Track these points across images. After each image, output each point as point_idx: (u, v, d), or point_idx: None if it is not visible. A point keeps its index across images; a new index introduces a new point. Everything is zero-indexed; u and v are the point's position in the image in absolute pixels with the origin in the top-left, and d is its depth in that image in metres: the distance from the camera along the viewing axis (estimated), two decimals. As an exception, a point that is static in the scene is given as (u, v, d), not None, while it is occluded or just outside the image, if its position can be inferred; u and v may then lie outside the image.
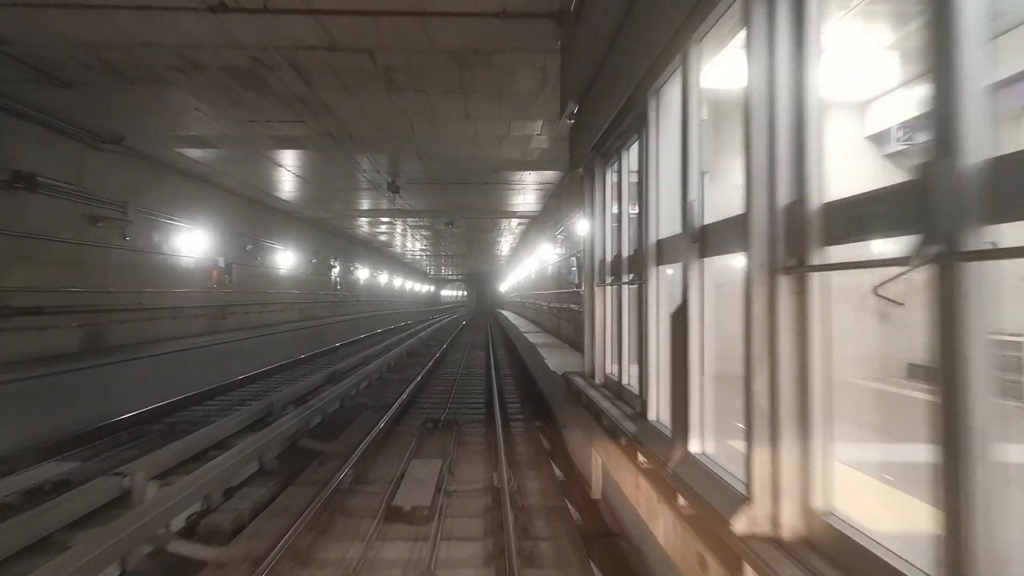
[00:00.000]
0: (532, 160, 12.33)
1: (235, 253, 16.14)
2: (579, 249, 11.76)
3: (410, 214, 20.32)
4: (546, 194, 16.69)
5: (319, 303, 23.96)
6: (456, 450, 7.41)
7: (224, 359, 13.37)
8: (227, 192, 15.56)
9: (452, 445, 7.63)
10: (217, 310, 15.04)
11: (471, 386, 12.81)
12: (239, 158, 12.52)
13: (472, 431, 8.52)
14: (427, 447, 7.54)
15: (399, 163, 13.08)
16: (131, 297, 11.32)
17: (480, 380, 13.68)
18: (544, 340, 13.41)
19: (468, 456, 7.19)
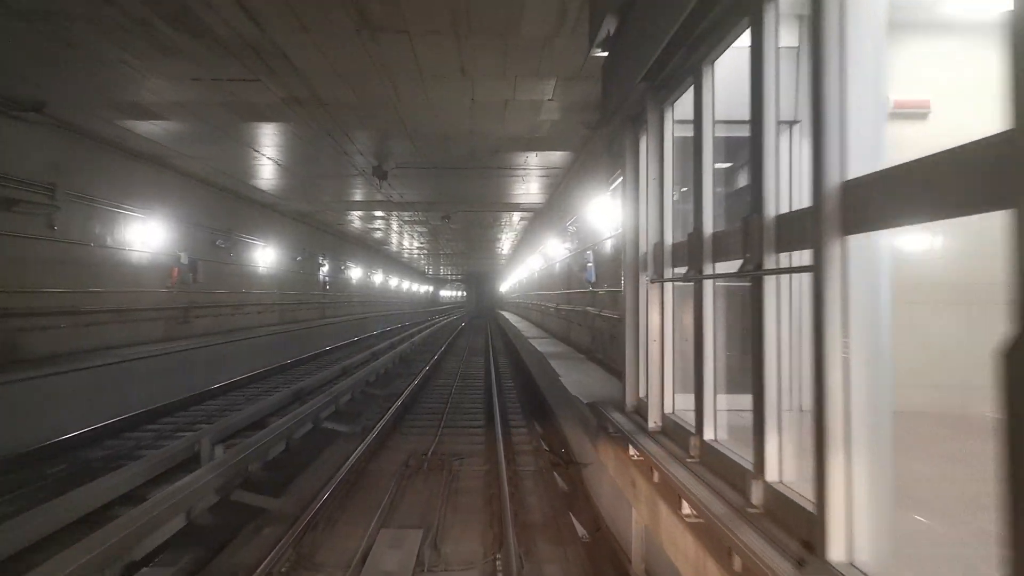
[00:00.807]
0: (539, 137, 10.48)
1: (202, 248, 14.30)
2: (594, 242, 9.94)
3: (402, 207, 18.47)
4: (552, 183, 14.84)
5: (305, 304, 22.13)
6: (445, 507, 5.56)
7: (182, 370, 11.51)
8: (191, 178, 13.71)
9: (441, 497, 5.77)
10: (179, 313, 13.20)
11: (468, 403, 10.97)
12: (199, 135, 10.68)
13: (468, 472, 6.66)
14: (407, 501, 5.69)
15: (385, 143, 11.23)
16: (63, 298, 9.47)
17: (479, 395, 11.84)
18: (553, 348, 11.57)
19: (461, 516, 5.32)
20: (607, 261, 9.16)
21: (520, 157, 12.16)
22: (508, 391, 12.32)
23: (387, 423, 8.71)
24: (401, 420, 9.35)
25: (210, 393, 11.51)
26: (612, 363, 8.55)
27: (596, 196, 9.23)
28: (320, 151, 11.74)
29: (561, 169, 13.19)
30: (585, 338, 11.09)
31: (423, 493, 5.88)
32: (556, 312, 14.86)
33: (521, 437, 8.32)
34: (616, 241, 8.70)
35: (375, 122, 9.67)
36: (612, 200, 8.72)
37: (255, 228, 17.55)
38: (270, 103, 8.64)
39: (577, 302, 11.82)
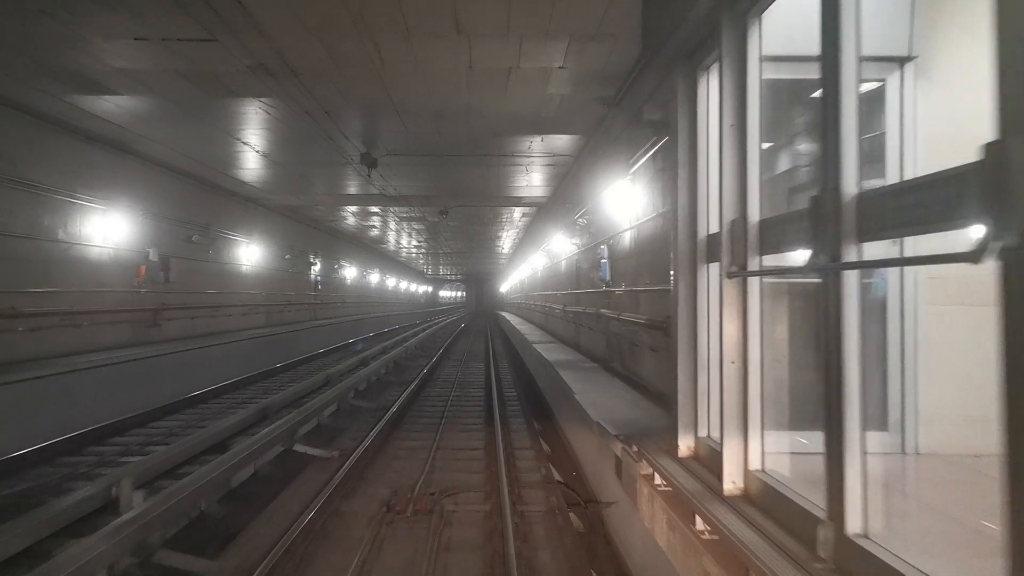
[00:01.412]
0: (546, 117, 9.25)
1: (175, 244, 13.06)
2: (609, 235, 8.69)
3: (396, 201, 17.22)
4: (558, 173, 13.60)
5: (294, 305, 20.88)
6: (433, 571, 4.29)
7: (147, 380, 10.27)
8: (161, 167, 12.46)
9: (427, 556, 4.49)
10: (148, 315, 11.96)
11: (466, 418, 9.72)
12: (162, 115, 9.45)
13: (465, 516, 5.38)
14: (384, 562, 4.41)
15: (372, 123, 9.99)
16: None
17: (478, 407, 10.60)
18: (562, 355, 10.32)
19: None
20: (626, 256, 7.92)
21: (524, 142, 10.92)
22: (510, 404, 11.08)
23: (371, 444, 7.47)
24: (388, 440, 8.11)
25: (176, 406, 10.25)
26: (634, 376, 7.30)
27: (612, 183, 8.00)
28: (302, 136, 10.52)
29: (569, 157, 11.95)
30: (598, 344, 9.84)
31: (406, 548, 4.62)
32: (563, 314, 13.62)
33: (527, 463, 7.08)
34: (636, 233, 7.46)
35: (357, 96, 8.42)
36: (632, 186, 7.48)
37: (238, 223, 16.31)
38: (234, 72, 7.40)
39: (588, 303, 10.57)
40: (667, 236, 5.96)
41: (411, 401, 10.82)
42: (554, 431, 8.95)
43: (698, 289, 3.20)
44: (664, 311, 5.91)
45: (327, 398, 9.13)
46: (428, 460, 6.97)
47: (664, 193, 6.10)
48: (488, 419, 9.32)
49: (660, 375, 6.13)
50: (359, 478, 6.21)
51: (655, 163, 6.51)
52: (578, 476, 6.98)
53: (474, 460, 7.12)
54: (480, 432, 8.58)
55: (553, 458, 7.58)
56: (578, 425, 6.98)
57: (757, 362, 2.61)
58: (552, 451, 7.91)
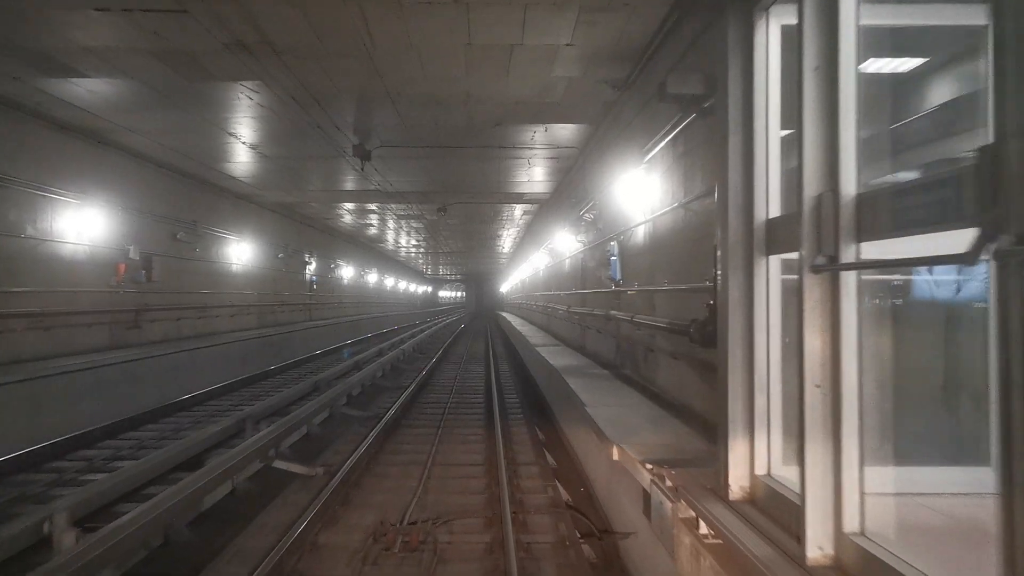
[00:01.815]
0: (551, 103, 8.58)
1: (159, 242, 12.40)
2: (621, 230, 8.02)
3: (393, 197, 16.55)
4: (562, 167, 12.94)
5: (288, 305, 20.21)
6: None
7: (124, 385, 9.61)
8: (143, 160, 11.80)
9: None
10: (128, 316, 11.29)
11: (464, 428, 9.06)
12: (140, 102, 8.80)
13: (462, 549, 4.70)
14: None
15: (364, 112, 9.32)
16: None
17: (478, 416, 9.93)
18: (567, 360, 9.64)
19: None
20: (640, 253, 7.25)
21: (526, 132, 10.25)
22: (512, 412, 10.41)
23: (359, 459, 6.79)
24: (379, 454, 7.43)
25: (154, 414, 9.58)
26: (649, 384, 6.63)
27: (625, 172, 7.32)
28: (290, 126, 9.86)
29: (574, 149, 11.28)
30: (606, 348, 9.17)
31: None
32: (567, 316, 12.94)
33: (532, 481, 6.40)
34: (652, 227, 6.78)
35: (346, 80, 7.74)
36: (647, 175, 6.80)
37: (228, 221, 15.65)
38: (209, 51, 6.73)
39: (595, 304, 9.90)
40: (693, 228, 5.29)
41: (406, 409, 10.14)
42: (559, 441, 8.30)
43: (754, 289, 2.53)
44: (688, 313, 5.24)
45: (314, 407, 8.45)
46: (422, 478, 6.29)
47: (689, 179, 5.43)
48: (489, 429, 8.65)
49: (682, 385, 5.46)
50: (343, 502, 5.52)
51: (675, 147, 5.83)
52: (587, 493, 6.31)
53: (473, 478, 6.45)
54: (480, 444, 7.91)
55: (560, 474, 6.92)
56: (587, 438, 6.32)
57: (854, 388, 1.94)
58: (558, 465, 7.26)
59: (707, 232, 4.87)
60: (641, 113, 7.13)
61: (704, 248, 4.96)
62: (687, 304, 5.43)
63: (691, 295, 5.28)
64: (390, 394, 11.71)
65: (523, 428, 8.85)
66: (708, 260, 4.88)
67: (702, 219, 5.05)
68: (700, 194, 5.04)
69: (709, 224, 4.88)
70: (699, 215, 5.13)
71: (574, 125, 9.85)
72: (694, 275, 5.20)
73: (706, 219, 4.93)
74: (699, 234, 5.10)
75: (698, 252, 5.12)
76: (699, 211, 5.14)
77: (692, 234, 5.29)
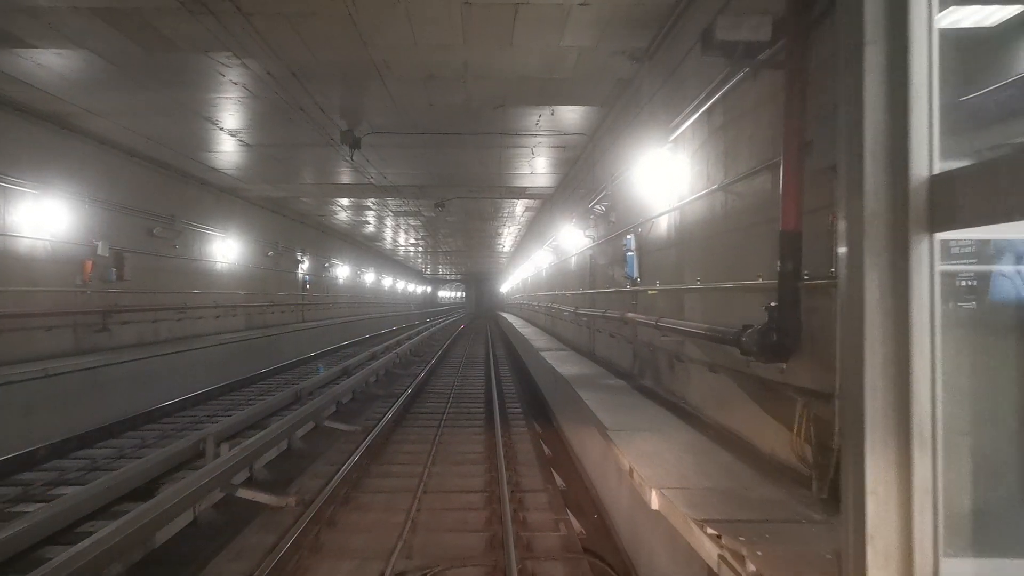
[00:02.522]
0: (559, 79, 7.65)
1: (132, 237, 11.47)
2: (639, 221, 7.08)
3: (387, 192, 15.61)
4: (569, 157, 12.02)
5: (279, 306, 19.28)
6: None
7: (85, 395, 8.69)
8: (113, 148, 10.86)
9: None
10: (95, 318, 10.35)
11: (462, 445, 8.12)
12: (103, 81, 7.91)
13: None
14: None
15: (351, 91, 8.38)
16: None
17: (477, 430, 9.01)
18: (577, 368, 8.70)
19: None
20: (664, 247, 6.30)
21: (530, 115, 9.31)
22: (515, 423, 9.47)
23: (340, 484, 5.86)
24: (363, 478, 6.48)
25: (113, 429, 8.63)
26: (677, 399, 5.70)
27: (644, 156, 6.38)
28: (271, 109, 8.95)
29: (582, 136, 10.35)
30: (620, 355, 8.23)
31: None
32: (573, 317, 11.99)
33: (541, 514, 5.44)
34: (679, 217, 5.84)
35: (328, 49, 6.79)
36: (673, 156, 5.85)
37: (211, 216, 14.71)
38: (162, 8, 5.78)
39: (607, 305, 8.96)
40: (739, 213, 4.34)
41: (397, 421, 9.20)
42: (567, 456, 7.38)
43: (910, 285, 1.60)
44: (730, 317, 4.30)
45: (292, 421, 7.50)
46: (410, 512, 5.34)
47: (731, 156, 4.49)
48: (489, 446, 7.71)
49: (725, 405, 4.52)
50: (314, 547, 4.55)
51: (711, 120, 4.89)
52: (601, 522, 5.38)
53: (471, 509, 5.50)
54: (479, 466, 6.96)
55: (569, 498, 6.00)
56: (604, 461, 5.38)
57: None
58: (567, 486, 6.33)
59: (763, 216, 3.93)
60: (666, 85, 6.18)
61: (758, 236, 4.01)
62: (730, 306, 4.48)
63: (737, 295, 4.34)
64: (381, 403, 10.76)
65: (528, 444, 7.91)
66: (764, 251, 3.94)
67: (753, 201, 4.11)
68: (749, 171, 4.10)
69: (764, 207, 3.94)
70: (748, 197, 4.19)
71: (583, 108, 8.92)
72: (740, 271, 4.26)
73: (760, 201, 3.99)
74: (749, 220, 4.16)
75: (748, 242, 4.18)
76: (747, 192, 4.20)
77: (738, 221, 4.35)
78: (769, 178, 3.85)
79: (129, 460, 6.83)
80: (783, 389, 3.57)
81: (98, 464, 6.83)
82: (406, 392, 11.34)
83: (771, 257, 3.79)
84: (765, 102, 3.96)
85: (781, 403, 3.61)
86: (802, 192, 3.27)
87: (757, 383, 3.90)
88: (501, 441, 7.59)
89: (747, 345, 3.62)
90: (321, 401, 8.63)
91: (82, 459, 7.11)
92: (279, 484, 6.28)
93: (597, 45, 6.60)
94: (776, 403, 3.68)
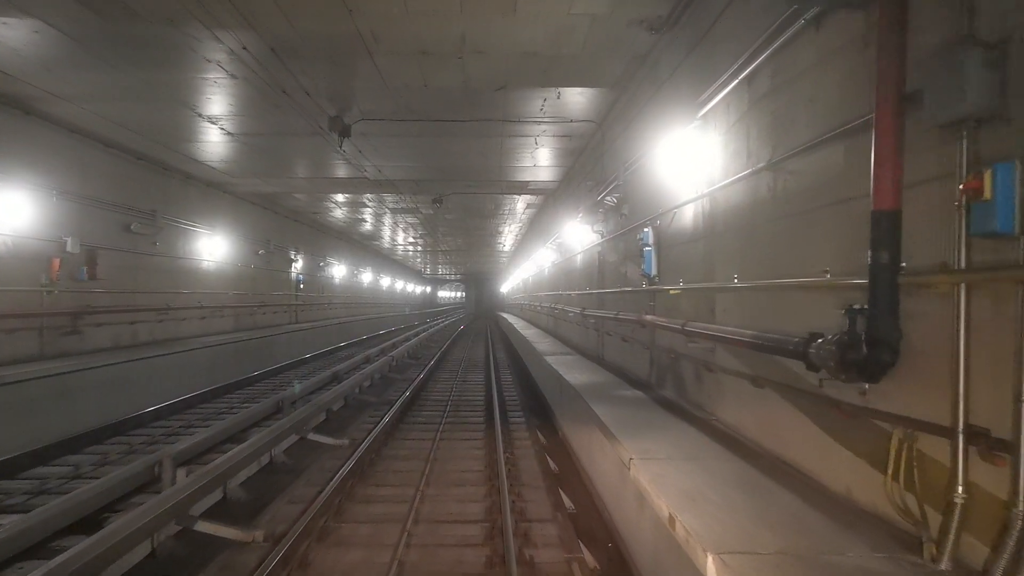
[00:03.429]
0: (567, 55, 6.89)
1: (107, 233, 10.72)
2: (659, 212, 6.32)
3: (382, 186, 14.86)
4: (575, 147, 11.27)
5: (270, 307, 18.50)
6: None
7: (47, 404, 7.93)
8: (84, 137, 10.11)
9: None
10: (65, 320, 9.58)
11: (460, 462, 7.36)
12: (67, 60, 7.23)
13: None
14: None
15: (338, 71, 7.63)
16: None
17: (477, 442, 8.26)
18: (587, 375, 7.93)
19: None
20: (690, 240, 5.54)
21: (534, 99, 8.55)
22: (517, 436, 8.71)
23: (317, 515, 5.10)
24: (347, 503, 5.71)
25: (82, 440, 7.87)
26: (706, 415, 4.93)
27: (665, 138, 5.63)
28: (254, 93, 8.25)
29: (591, 123, 9.58)
30: (636, 361, 7.46)
31: None
32: (580, 319, 11.23)
33: (551, 551, 4.67)
34: (709, 205, 5.09)
35: (310, 18, 6.05)
36: (702, 135, 5.10)
37: (197, 211, 13.95)
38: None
39: (619, 306, 8.20)
40: (795, 196, 3.56)
41: (389, 434, 8.43)
42: (574, 468, 6.61)
43: None
44: (783, 322, 3.54)
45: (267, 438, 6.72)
46: (398, 547, 4.57)
47: (783, 127, 3.73)
48: (490, 464, 6.95)
49: (779, 430, 3.75)
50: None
51: (753, 87, 4.13)
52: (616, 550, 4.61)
53: (469, 545, 4.73)
54: (479, 487, 6.19)
55: (580, 523, 5.24)
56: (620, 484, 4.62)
57: None
58: (576, 506, 5.58)
59: (831, 196, 3.16)
60: (692, 56, 5.43)
61: (824, 222, 3.24)
62: (782, 308, 3.72)
63: (792, 295, 3.57)
64: (373, 412, 10.00)
65: (532, 460, 7.13)
66: (832, 239, 3.17)
67: (815, 179, 3.34)
68: (810, 142, 3.33)
69: (832, 184, 3.16)
70: (808, 175, 3.42)
71: (593, 90, 8.16)
72: (796, 265, 3.50)
73: (826, 178, 3.22)
74: (810, 202, 3.39)
75: (808, 230, 3.41)
76: (807, 169, 3.43)
77: (793, 204, 3.59)
78: (840, 149, 3.09)
79: (86, 480, 6.07)
80: (866, 415, 2.81)
81: (47, 487, 6.06)
82: (401, 398, 10.57)
83: (843, 246, 3.03)
84: (832, 56, 3.20)
85: (862, 432, 2.85)
86: (901, 159, 2.50)
87: (823, 404, 3.14)
88: (503, 457, 6.83)
89: (818, 358, 2.85)
90: (306, 411, 7.86)
91: (32, 479, 6.34)
92: (249, 510, 5.51)
93: (612, 12, 5.84)
94: (855, 432, 2.92)
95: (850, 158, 3.02)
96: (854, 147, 2.97)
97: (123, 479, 5.27)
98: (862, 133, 2.81)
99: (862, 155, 2.85)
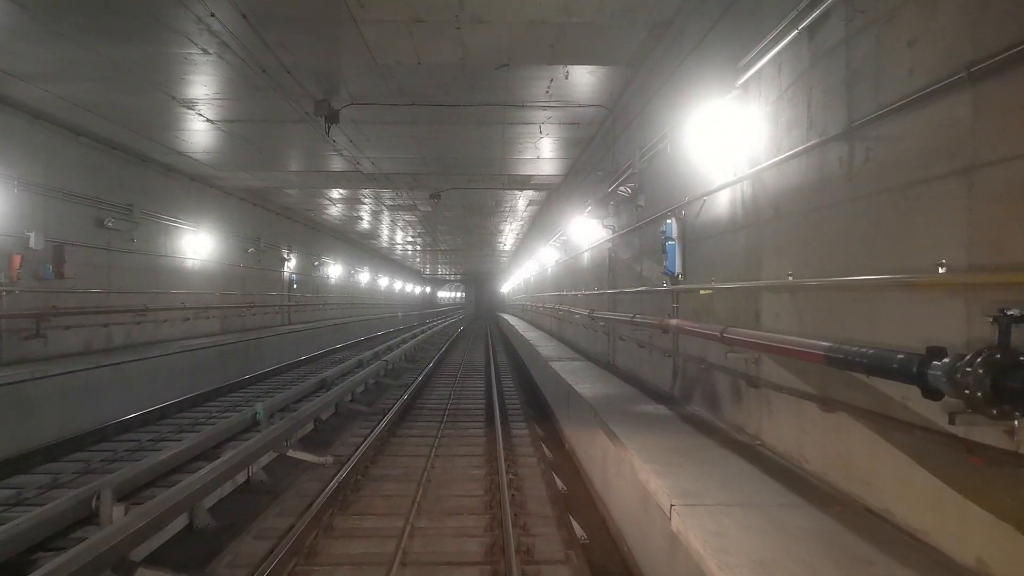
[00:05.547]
0: (580, 24, 6.10)
1: (77, 228, 9.92)
2: (687, 200, 5.52)
3: (377, 180, 14.07)
4: (582, 136, 10.49)
5: (261, 307, 17.70)
6: None
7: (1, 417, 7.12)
8: (49, 124, 9.32)
9: None
10: (27, 323, 8.79)
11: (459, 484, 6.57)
12: (22, 34, 6.39)
13: None
14: None
15: (322, 45, 6.84)
16: None
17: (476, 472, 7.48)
18: (599, 385, 7.13)
19: None
20: (725, 231, 4.75)
21: (540, 79, 7.75)
22: (522, 449, 7.92)
23: (292, 546, 4.31)
24: (323, 538, 4.91)
25: (37, 456, 7.08)
26: (749, 438, 4.15)
27: (693, 114, 4.83)
28: (231, 72, 7.53)
29: (601, 108, 8.79)
30: (654, 370, 6.66)
31: None
32: (587, 321, 10.42)
33: None
34: (751, 188, 4.31)
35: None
36: (743, 108, 4.32)
37: (180, 207, 13.16)
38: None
39: (631, 307, 7.40)
40: (875, 169, 2.77)
41: (379, 448, 7.63)
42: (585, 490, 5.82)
43: None
44: (865, 331, 2.75)
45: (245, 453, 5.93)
46: None
47: (867, 81, 2.92)
48: (491, 485, 6.16)
49: (850, 463, 2.96)
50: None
51: (818, 39, 3.35)
52: None
53: None
54: (479, 516, 5.39)
55: (593, 556, 4.47)
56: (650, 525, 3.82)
57: None
58: (589, 536, 4.80)
59: (947, 166, 2.36)
60: (728, 14, 4.63)
61: (936, 199, 2.44)
62: (866, 312, 2.91)
63: (882, 296, 2.77)
64: (363, 423, 9.20)
65: (539, 482, 6.33)
66: (950, 222, 2.37)
67: (922, 144, 2.53)
68: (915, 94, 2.53)
69: (950, 148, 2.37)
70: (908, 139, 2.62)
71: (605, 69, 7.37)
72: (887, 257, 2.70)
73: (940, 141, 2.42)
74: (912, 174, 2.59)
75: (908, 211, 2.61)
76: (906, 133, 2.63)
77: (883, 180, 2.78)
78: (966, 98, 2.29)
79: (27, 508, 5.27)
80: (1015, 463, 2.01)
81: None
82: (394, 407, 9.78)
83: (970, 231, 2.22)
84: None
85: (1010, 485, 2.05)
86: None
87: (941, 443, 2.34)
88: (506, 480, 6.03)
89: (946, 383, 2.05)
90: (284, 425, 7.07)
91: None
92: (206, 550, 4.71)
93: (633, -32, 5.05)
94: (996, 484, 2.12)
95: (981, 109, 2.22)
96: (988, 94, 2.18)
97: (65, 509, 4.46)
98: (1000, 74, 2.02)
99: (1001, 103, 2.06)
